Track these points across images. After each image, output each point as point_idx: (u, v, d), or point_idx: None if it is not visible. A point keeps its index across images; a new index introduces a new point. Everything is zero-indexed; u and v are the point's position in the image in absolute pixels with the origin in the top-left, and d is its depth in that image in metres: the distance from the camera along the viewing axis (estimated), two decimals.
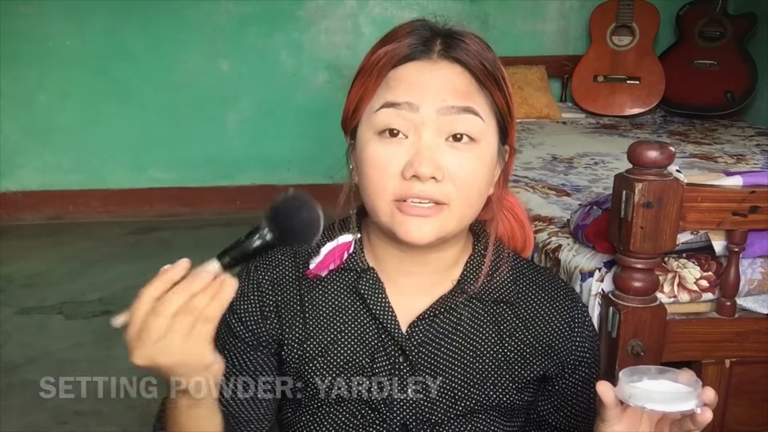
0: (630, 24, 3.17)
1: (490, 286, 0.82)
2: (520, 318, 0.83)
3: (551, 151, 2.41)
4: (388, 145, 0.73)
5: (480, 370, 0.80)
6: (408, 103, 0.72)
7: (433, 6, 3.41)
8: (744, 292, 1.18)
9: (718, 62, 3.09)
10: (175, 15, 3.35)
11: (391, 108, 0.72)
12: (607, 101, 3.15)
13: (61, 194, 3.52)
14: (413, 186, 0.71)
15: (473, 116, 0.73)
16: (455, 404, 0.80)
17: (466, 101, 0.73)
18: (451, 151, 0.72)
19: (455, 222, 0.74)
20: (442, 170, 0.71)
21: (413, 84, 0.73)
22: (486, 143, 0.75)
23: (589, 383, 0.86)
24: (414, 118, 0.72)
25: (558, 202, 1.73)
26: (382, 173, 0.72)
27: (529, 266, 0.87)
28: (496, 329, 0.81)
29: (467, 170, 0.73)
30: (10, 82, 3.36)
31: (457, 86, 0.73)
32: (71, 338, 2.33)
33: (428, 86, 0.72)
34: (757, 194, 1.07)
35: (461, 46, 0.75)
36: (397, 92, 0.73)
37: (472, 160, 0.73)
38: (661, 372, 0.71)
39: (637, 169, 1.04)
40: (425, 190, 0.71)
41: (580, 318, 0.85)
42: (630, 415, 0.71)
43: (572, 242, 1.37)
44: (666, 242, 1.06)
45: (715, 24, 3.12)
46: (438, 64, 0.74)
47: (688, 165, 2.16)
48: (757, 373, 1.19)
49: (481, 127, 0.73)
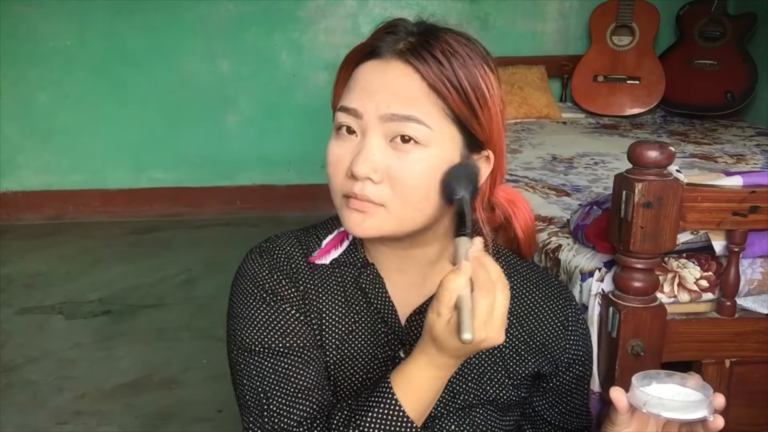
0: (630, 24, 3.17)
1: None
2: (515, 315, 0.84)
3: (551, 151, 2.42)
4: (341, 143, 0.75)
5: (477, 365, 0.82)
6: (354, 110, 0.74)
7: (433, 6, 3.41)
8: (744, 292, 1.18)
9: (718, 62, 3.09)
10: (175, 15, 3.36)
11: (342, 111, 0.75)
12: (607, 101, 3.15)
13: (61, 194, 3.52)
14: (354, 185, 0.73)
15: (416, 124, 0.72)
16: (453, 398, 0.81)
17: (409, 109, 0.72)
18: (394, 154, 0.73)
19: (394, 223, 0.74)
20: (380, 172, 0.72)
21: (363, 89, 0.74)
22: (438, 149, 0.73)
23: (583, 380, 0.88)
24: (360, 123, 0.74)
25: (558, 202, 1.73)
26: (333, 170, 0.75)
27: (522, 264, 0.89)
28: None
29: (408, 173, 0.72)
30: (10, 82, 3.36)
31: (402, 91, 0.73)
32: (71, 338, 2.34)
33: (375, 91, 0.73)
34: (757, 194, 1.07)
35: (423, 49, 0.74)
36: (350, 96, 0.75)
37: (414, 164, 0.72)
38: (670, 376, 0.72)
39: (637, 169, 1.04)
40: (362, 189, 0.72)
41: (573, 317, 0.87)
42: (638, 419, 0.72)
43: (572, 242, 1.37)
44: (666, 242, 1.06)
45: (715, 24, 3.12)
46: (390, 65, 0.74)
47: (688, 165, 2.16)
48: (757, 373, 1.19)
49: (426, 133, 0.72)
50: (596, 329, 1.18)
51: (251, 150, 3.55)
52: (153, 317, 2.48)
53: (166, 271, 2.83)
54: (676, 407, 0.68)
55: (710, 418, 0.68)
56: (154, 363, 2.16)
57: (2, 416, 1.91)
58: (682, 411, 0.68)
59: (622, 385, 0.95)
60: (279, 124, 3.53)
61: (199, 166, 3.53)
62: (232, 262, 0.87)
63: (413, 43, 0.75)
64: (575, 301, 0.89)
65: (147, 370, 2.12)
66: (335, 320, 0.82)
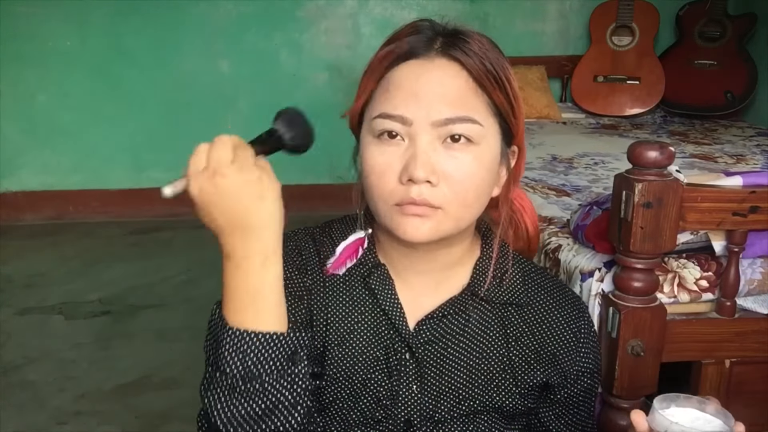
0: (630, 24, 3.17)
1: (499, 288, 0.83)
2: (527, 323, 0.83)
3: (551, 151, 2.42)
4: (385, 149, 0.73)
5: (485, 371, 0.81)
6: (401, 117, 0.72)
7: (433, 6, 3.41)
8: (744, 292, 1.18)
9: (718, 62, 3.09)
10: (175, 15, 3.36)
11: (386, 119, 0.73)
12: (607, 101, 3.15)
13: (61, 194, 3.52)
14: (410, 190, 0.71)
15: (469, 123, 0.72)
16: (459, 404, 0.81)
17: (461, 110, 0.72)
18: (447, 153, 0.72)
19: (451, 223, 0.74)
20: (438, 174, 0.71)
21: (407, 93, 0.72)
22: (486, 145, 0.74)
23: (590, 393, 0.87)
24: (409, 130, 0.72)
25: (558, 202, 1.73)
26: (380, 178, 0.73)
27: (537, 271, 0.88)
28: (503, 332, 0.82)
29: (463, 172, 0.72)
30: (10, 82, 3.36)
31: (451, 92, 0.72)
32: (71, 338, 2.34)
33: (421, 95, 0.72)
34: (757, 194, 1.07)
35: (461, 45, 0.74)
36: (392, 102, 0.73)
37: (469, 163, 0.73)
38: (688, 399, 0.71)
39: (637, 169, 1.04)
40: (421, 193, 0.71)
41: (585, 329, 0.86)
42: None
43: (572, 242, 1.37)
44: (666, 242, 1.06)
45: (715, 24, 3.13)
46: (434, 63, 0.73)
47: (688, 165, 2.16)
48: (757, 373, 1.19)
49: (478, 131, 0.73)
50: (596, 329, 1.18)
51: None
52: (153, 317, 2.48)
53: (166, 271, 2.83)
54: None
55: None
56: (154, 363, 2.16)
57: (2, 416, 1.91)
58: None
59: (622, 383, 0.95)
60: None
61: None
62: None
63: (449, 41, 0.74)
64: (587, 313, 0.88)
65: (147, 370, 2.12)
66: (339, 318, 0.81)
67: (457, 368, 0.81)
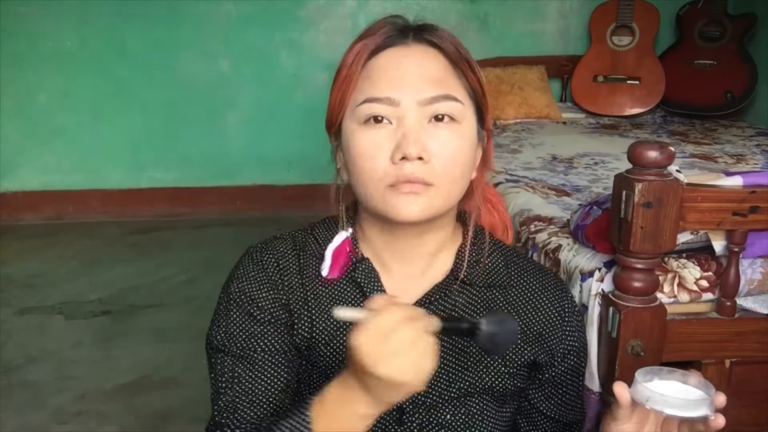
0: (630, 24, 3.17)
1: (482, 271, 0.85)
2: (512, 304, 0.85)
3: (551, 151, 2.42)
4: (374, 133, 0.75)
5: (474, 353, 0.83)
6: (388, 98, 0.75)
7: (433, 6, 3.41)
8: (744, 292, 1.18)
9: (718, 62, 3.09)
10: (175, 15, 3.36)
11: (373, 102, 0.76)
12: (607, 101, 3.15)
13: (61, 194, 3.52)
14: (403, 167, 0.74)
15: (453, 102, 0.76)
16: (449, 387, 0.82)
17: (443, 88, 0.76)
18: (434, 132, 0.75)
19: (442, 200, 0.77)
20: (428, 151, 0.74)
21: (392, 76, 0.76)
22: (467, 123, 0.78)
23: (578, 372, 0.89)
24: (396, 111, 0.75)
25: (558, 202, 1.73)
26: (372, 161, 0.75)
27: (517, 255, 0.90)
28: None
29: (450, 148, 0.76)
30: (10, 82, 3.36)
31: (433, 73, 0.77)
32: (71, 338, 2.34)
33: (406, 77, 0.76)
34: (757, 194, 1.07)
35: (433, 31, 0.79)
36: (377, 86, 0.76)
37: (455, 139, 0.76)
38: (671, 372, 0.73)
39: (637, 169, 1.04)
40: (414, 170, 0.74)
41: (569, 308, 0.87)
42: (639, 414, 0.73)
43: (572, 242, 1.37)
44: (666, 242, 1.06)
45: (715, 24, 3.13)
46: (412, 48, 0.78)
47: (688, 165, 2.16)
48: (757, 373, 1.19)
49: (460, 109, 0.77)
50: (596, 329, 1.18)
51: (251, 150, 3.55)
52: (153, 317, 2.48)
53: (166, 271, 2.83)
54: (679, 404, 0.69)
55: (712, 417, 0.68)
56: (154, 363, 2.16)
57: (2, 416, 1.91)
58: (684, 408, 0.69)
59: None
60: (279, 124, 3.53)
61: (199, 166, 3.53)
62: (232, 263, 0.88)
63: (423, 28, 0.80)
64: (570, 293, 0.90)
65: (147, 370, 2.12)
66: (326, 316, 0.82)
67: (447, 354, 0.82)
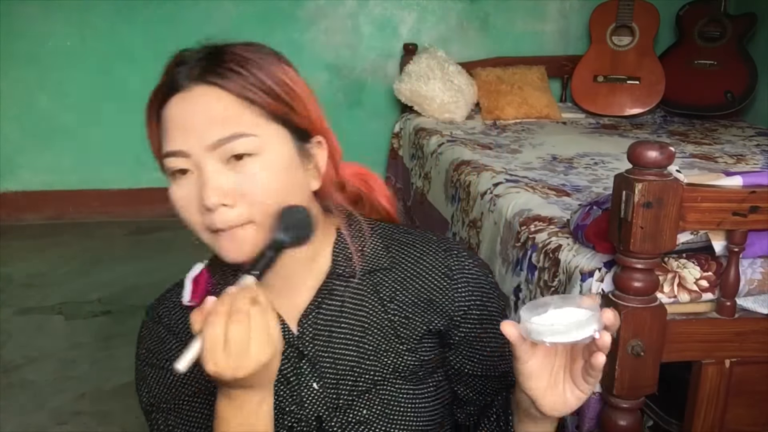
0: (630, 24, 3.17)
1: (363, 260, 0.84)
2: (398, 281, 0.84)
3: (551, 151, 2.42)
4: (182, 185, 0.75)
5: (371, 341, 0.82)
6: (180, 151, 0.73)
7: (433, 6, 3.41)
8: (744, 292, 1.18)
9: (718, 62, 3.09)
10: (175, 15, 3.36)
11: (170, 157, 0.75)
12: (607, 101, 3.15)
13: (61, 194, 3.52)
14: (212, 217, 0.73)
15: (243, 138, 0.72)
16: (356, 381, 0.82)
17: (230, 128, 0.72)
18: (235, 173, 0.73)
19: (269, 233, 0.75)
20: (231, 194, 0.72)
21: (178, 128, 0.74)
22: (272, 152, 0.74)
23: (490, 321, 0.86)
24: (191, 161, 0.73)
25: (558, 202, 1.73)
26: (188, 213, 0.75)
27: (398, 229, 0.88)
28: (378, 298, 0.83)
29: (256, 185, 0.73)
30: (10, 82, 3.36)
31: (216, 114, 0.73)
32: (71, 338, 2.34)
33: (189, 125, 0.73)
34: (757, 194, 1.07)
35: (219, 67, 0.74)
36: (170, 139, 0.74)
37: (259, 174, 0.73)
38: (565, 300, 0.69)
39: (637, 169, 1.04)
40: (222, 218, 0.73)
41: (457, 266, 0.85)
42: (542, 350, 0.70)
43: (572, 242, 1.38)
44: (666, 242, 1.06)
45: (715, 24, 3.13)
46: (194, 92, 0.74)
47: (688, 165, 2.16)
48: (757, 373, 1.19)
49: (255, 142, 0.73)
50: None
51: None
52: None
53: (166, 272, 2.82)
54: (560, 330, 0.65)
55: (596, 336, 0.65)
56: None
57: (2, 416, 1.91)
58: (565, 334, 0.65)
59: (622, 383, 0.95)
60: None
61: None
62: None
63: (206, 65, 0.75)
64: (458, 249, 0.87)
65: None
66: None
67: (347, 350, 0.82)
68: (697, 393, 1.18)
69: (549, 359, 0.71)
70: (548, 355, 0.71)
